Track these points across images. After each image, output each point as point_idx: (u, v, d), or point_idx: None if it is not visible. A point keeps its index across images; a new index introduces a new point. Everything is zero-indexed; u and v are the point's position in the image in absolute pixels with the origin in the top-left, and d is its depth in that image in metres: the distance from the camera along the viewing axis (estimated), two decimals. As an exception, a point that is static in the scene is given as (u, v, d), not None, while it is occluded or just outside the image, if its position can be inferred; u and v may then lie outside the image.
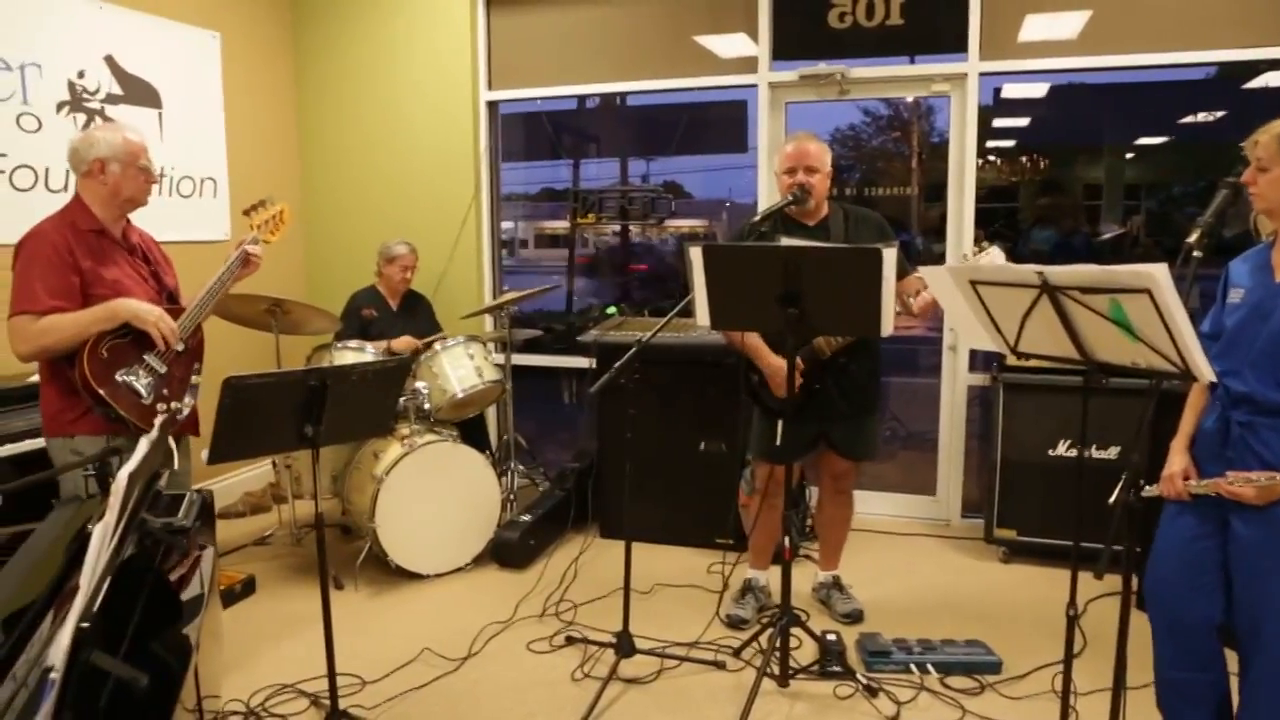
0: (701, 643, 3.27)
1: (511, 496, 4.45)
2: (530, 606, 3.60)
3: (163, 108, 4.50)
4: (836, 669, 2.99)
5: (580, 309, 5.79)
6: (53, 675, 1.22)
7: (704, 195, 5.82)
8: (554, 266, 6.00)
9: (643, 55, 4.87)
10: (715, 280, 2.72)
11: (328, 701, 2.68)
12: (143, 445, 1.56)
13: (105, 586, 1.35)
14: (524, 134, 5.63)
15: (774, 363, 3.16)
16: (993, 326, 2.22)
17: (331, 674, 2.63)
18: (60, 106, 3.99)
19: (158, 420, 1.76)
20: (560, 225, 5.93)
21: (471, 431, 4.57)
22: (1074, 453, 3.81)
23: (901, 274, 2.97)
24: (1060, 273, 1.94)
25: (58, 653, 1.24)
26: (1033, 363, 2.38)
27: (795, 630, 3.00)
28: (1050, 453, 3.87)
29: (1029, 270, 1.98)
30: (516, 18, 5.04)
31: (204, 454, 2.45)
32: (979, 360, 4.47)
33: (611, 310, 5.13)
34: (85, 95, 4.10)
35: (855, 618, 3.45)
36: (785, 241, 2.93)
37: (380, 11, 5.10)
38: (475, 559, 4.00)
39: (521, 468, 4.70)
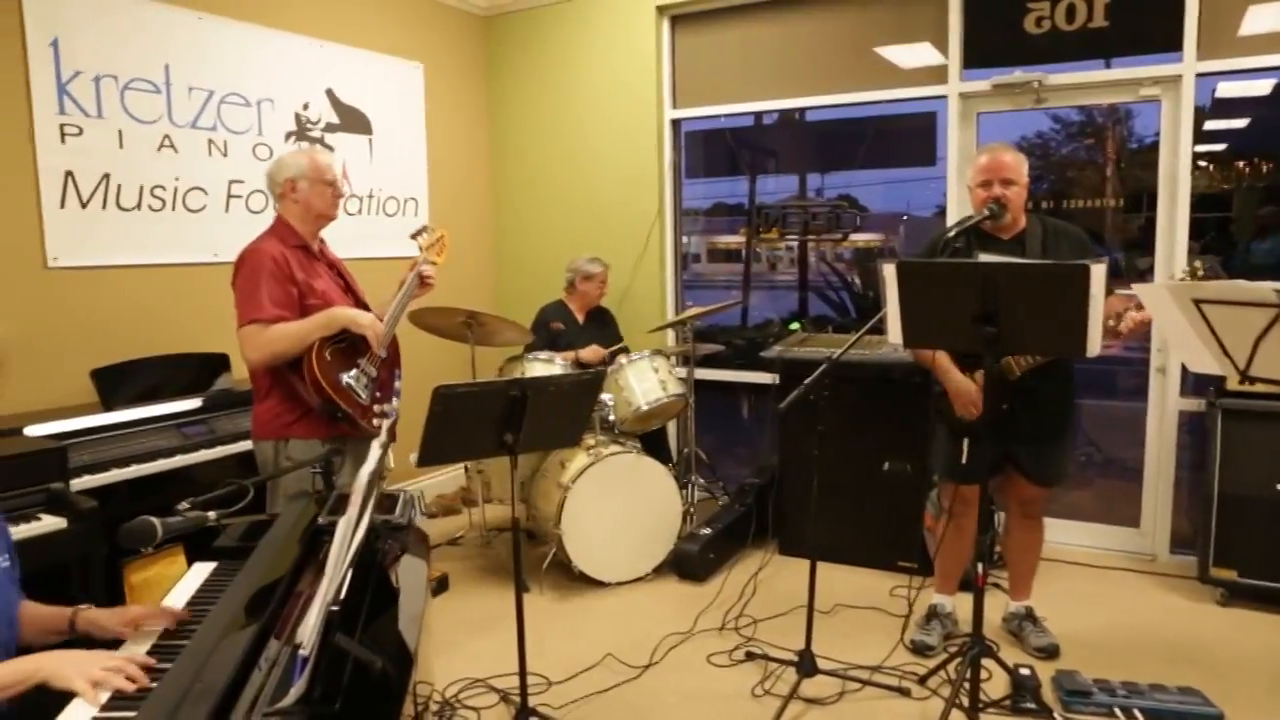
0: (885, 667, 3.19)
1: (691, 509, 4.50)
2: (710, 619, 3.63)
3: (373, 134, 4.87)
4: (1030, 705, 2.84)
5: (755, 324, 5.79)
6: (302, 652, 1.35)
7: (880, 209, 5.68)
8: (727, 281, 6.02)
9: (823, 69, 4.84)
10: (909, 297, 2.65)
11: (517, 698, 2.80)
12: (375, 448, 1.69)
13: (348, 575, 1.48)
14: (702, 150, 5.70)
15: (959, 381, 3.07)
16: (1219, 349, 2.07)
17: (522, 672, 2.74)
18: (288, 136, 4.38)
19: (384, 424, 1.90)
20: (734, 240, 5.96)
21: (653, 444, 4.65)
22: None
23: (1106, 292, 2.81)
24: (1304, 291, 1.79)
25: (306, 631, 1.36)
26: (1258, 387, 2.19)
27: (986, 661, 2.87)
28: (1279, 487, 3.54)
29: (1267, 288, 1.83)
30: (700, 36, 5.13)
31: (412, 457, 2.63)
32: (1189, 383, 4.15)
33: (794, 326, 5.10)
34: (308, 125, 4.49)
35: (1050, 652, 3.26)
36: (983, 258, 2.83)
37: (569, 36, 5.32)
38: (655, 569, 4.07)
39: (701, 481, 4.75)
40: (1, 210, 3.32)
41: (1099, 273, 2.38)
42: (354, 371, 2.90)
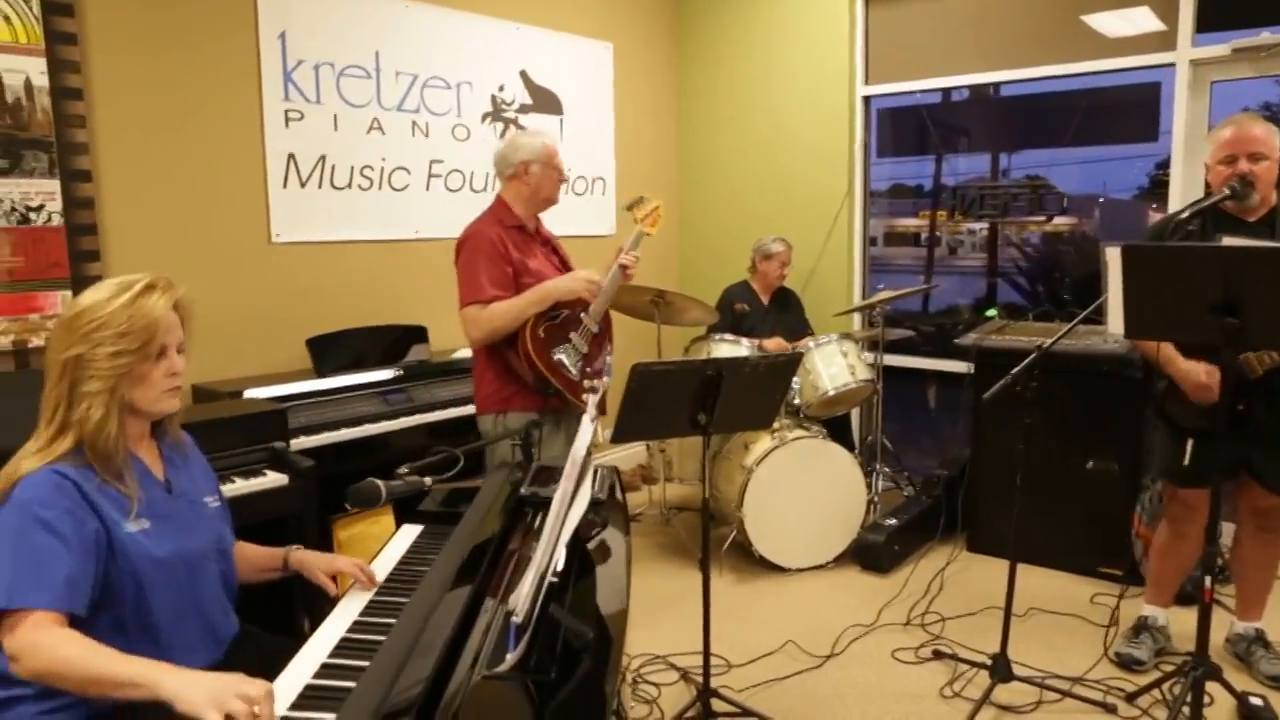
0: (1087, 679, 2.98)
1: (875, 499, 4.36)
2: (894, 613, 3.51)
3: (563, 114, 4.96)
4: (1264, 738, 2.59)
5: (938, 309, 5.54)
6: (514, 620, 1.38)
7: (1073, 190, 5.28)
8: (906, 265, 5.78)
9: (1023, 40, 4.54)
10: (1135, 284, 2.44)
11: (698, 677, 2.80)
12: (587, 423, 1.71)
13: (561, 547, 1.50)
14: (890, 128, 5.49)
15: (1185, 366, 2.78)
16: None
17: (706, 653, 2.73)
18: (484, 117, 4.53)
19: (591, 399, 1.92)
20: (914, 223, 5.71)
21: (836, 430, 4.53)
22: None
23: None
24: None
25: (519, 600, 1.39)
26: None
27: (1209, 685, 2.62)
28: None
29: None
30: (893, 9, 4.92)
31: (607, 433, 2.66)
32: None
33: (990, 313, 4.84)
34: (503, 106, 4.62)
35: (1286, 682, 2.96)
36: (1225, 241, 2.57)
37: (760, 13, 5.23)
38: (836, 558, 3.99)
39: (887, 470, 4.59)
40: (235, 190, 3.60)
41: (1372, 259, 2.11)
42: (566, 346, 2.97)
